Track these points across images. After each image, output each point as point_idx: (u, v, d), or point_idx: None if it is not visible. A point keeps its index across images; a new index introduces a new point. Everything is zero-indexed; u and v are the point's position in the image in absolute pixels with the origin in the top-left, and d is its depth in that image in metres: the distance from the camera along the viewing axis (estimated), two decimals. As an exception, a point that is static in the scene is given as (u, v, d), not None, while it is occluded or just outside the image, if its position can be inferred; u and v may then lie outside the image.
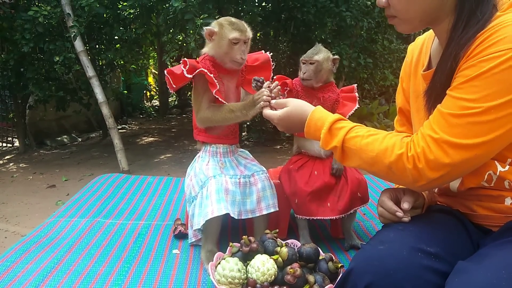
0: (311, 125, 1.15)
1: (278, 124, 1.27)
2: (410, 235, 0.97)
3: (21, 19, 4.76)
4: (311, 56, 1.69)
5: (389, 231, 1.02)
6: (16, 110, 6.06)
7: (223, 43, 1.59)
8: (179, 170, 4.72)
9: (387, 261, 0.89)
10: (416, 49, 1.24)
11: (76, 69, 5.08)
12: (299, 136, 1.78)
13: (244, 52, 1.61)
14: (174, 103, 10.82)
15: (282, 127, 1.28)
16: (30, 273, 1.46)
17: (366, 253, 0.96)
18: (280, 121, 1.26)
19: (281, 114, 1.25)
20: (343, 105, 1.71)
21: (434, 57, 1.13)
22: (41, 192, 4.20)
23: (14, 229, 3.23)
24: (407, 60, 1.29)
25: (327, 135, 1.10)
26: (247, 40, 1.61)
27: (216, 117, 1.60)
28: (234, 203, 1.54)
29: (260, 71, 1.67)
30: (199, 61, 1.64)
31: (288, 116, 1.23)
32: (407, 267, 0.87)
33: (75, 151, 6.19)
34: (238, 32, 1.58)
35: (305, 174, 1.69)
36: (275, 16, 5.65)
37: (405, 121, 1.33)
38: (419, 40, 1.26)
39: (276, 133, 6.41)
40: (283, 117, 1.24)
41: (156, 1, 4.88)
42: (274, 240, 1.37)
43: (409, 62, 1.26)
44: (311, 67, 1.68)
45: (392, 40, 6.10)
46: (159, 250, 1.69)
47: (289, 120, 1.23)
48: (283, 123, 1.26)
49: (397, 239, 0.96)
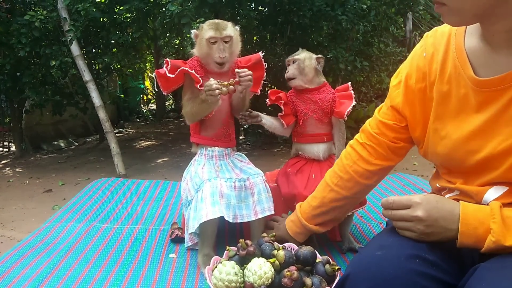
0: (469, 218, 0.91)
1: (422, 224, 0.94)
2: (408, 241, 0.95)
3: (17, 23, 4.76)
4: (293, 56, 1.76)
5: (388, 235, 1.00)
6: (13, 114, 6.04)
7: (202, 43, 1.62)
8: (176, 174, 4.71)
9: (384, 267, 0.88)
10: (440, 45, 1.04)
11: (73, 73, 5.09)
12: (298, 141, 1.80)
13: (223, 50, 1.60)
14: (171, 107, 10.81)
15: (428, 227, 0.94)
16: (26, 278, 1.45)
17: (363, 258, 0.95)
18: (427, 219, 0.93)
19: (423, 215, 0.93)
20: (340, 103, 1.72)
21: (478, 59, 0.96)
22: (37, 197, 4.18)
23: (10, 234, 3.21)
24: (426, 55, 1.08)
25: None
26: (226, 39, 1.61)
27: (193, 109, 1.63)
28: (229, 206, 1.54)
29: (253, 71, 1.69)
30: (187, 62, 1.67)
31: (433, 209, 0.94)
32: (405, 274, 0.85)
33: (71, 156, 6.17)
34: (213, 30, 1.59)
35: (304, 177, 1.69)
36: (272, 20, 5.66)
37: (394, 119, 1.20)
38: (440, 31, 1.07)
39: (273, 136, 6.41)
40: (429, 214, 0.93)
41: (153, 5, 4.90)
42: (271, 244, 1.37)
43: (430, 58, 1.06)
44: (294, 66, 1.73)
45: (388, 44, 6.13)
46: (156, 255, 1.68)
47: (438, 213, 0.93)
48: (430, 222, 0.93)
49: (395, 245, 0.94)
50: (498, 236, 0.86)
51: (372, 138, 1.25)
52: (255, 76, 1.68)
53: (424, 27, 8.02)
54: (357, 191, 1.32)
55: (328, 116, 1.74)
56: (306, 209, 1.44)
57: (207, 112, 1.63)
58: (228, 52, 1.62)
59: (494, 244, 0.87)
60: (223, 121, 1.72)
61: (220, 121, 1.71)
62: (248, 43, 1.63)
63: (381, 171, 1.27)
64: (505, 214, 0.88)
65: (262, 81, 1.79)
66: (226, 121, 1.74)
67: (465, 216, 0.91)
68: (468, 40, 0.98)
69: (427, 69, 1.07)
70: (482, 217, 0.89)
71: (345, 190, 1.32)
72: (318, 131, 1.76)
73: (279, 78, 5.50)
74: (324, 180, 1.39)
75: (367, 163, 1.26)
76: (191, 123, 1.72)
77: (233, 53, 1.66)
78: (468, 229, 0.90)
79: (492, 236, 0.87)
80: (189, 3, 4.11)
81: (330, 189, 1.35)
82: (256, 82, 1.73)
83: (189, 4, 4.08)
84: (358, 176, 1.28)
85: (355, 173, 1.28)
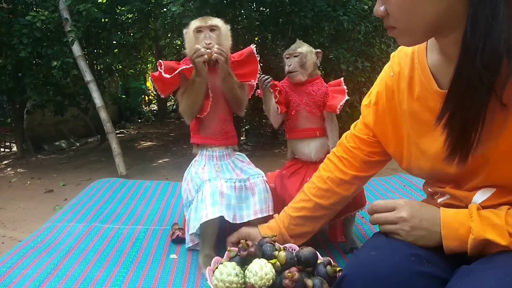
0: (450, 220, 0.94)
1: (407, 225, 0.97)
2: (402, 241, 0.97)
3: (19, 24, 4.76)
4: (295, 49, 1.75)
5: (381, 236, 1.02)
6: (14, 115, 6.05)
7: (190, 37, 1.66)
8: (177, 174, 4.71)
9: (378, 267, 0.89)
10: (405, 63, 1.07)
11: (74, 73, 5.08)
12: (291, 138, 1.80)
13: (208, 38, 1.62)
14: (172, 108, 10.81)
15: (411, 227, 0.97)
16: (27, 279, 1.45)
17: (358, 259, 0.97)
18: (410, 218, 0.97)
19: (406, 215, 0.97)
20: (333, 97, 1.71)
21: (439, 72, 0.98)
22: (38, 197, 4.18)
23: (11, 234, 3.21)
24: (394, 74, 1.11)
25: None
26: (213, 27, 1.63)
27: (188, 99, 1.64)
28: (229, 206, 1.54)
29: (246, 65, 1.69)
30: (181, 63, 1.69)
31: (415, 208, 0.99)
32: (399, 273, 0.87)
33: (73, 156, 6.17)
34: (199, 21, 1.65)
35: (297, 180, 1.69)
36: (273, 20, 5.66)
37: (367, 134, 1.24)
38: (403, 51, 1.09)
39: (274, 137, 6.41)
40: (411, 213, 0.97)
41: (154, 6, 4.90)
42: (272, 244, 1.36)
43: (397, 77, 1.10)
44: (296, 59, 1.72)
45: (389, 44, 6.11)
46: (157, 255, 1.68)
47: (420, 212, 0.98)
48: (414, 220, 0.97)
49: (388, 245, 0.96)
50: (477, 232, 0.89)
51: (348, 151, 1.31)
52: (250, 68, 1.70)
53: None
54: (334, 202, 1.36)
55: (320, 110, 1.73)
56: (284, 219, 1.45)
57: (201, 89, 1.61)
58: (215, 41, 1.62)
59: (474, 241, 0.89)
60: (219, 117, 1.72)
61: (215, 117, 1.71)
62: (249, 43, 1.63)
63: (357, 181, 1.32)
64: (483, 214, 0.91)
65: (258, 74, 1.77)
66: (222, 117, 1.73)
67: (445, 219, 0.94)
68: (429, 56, 1.00)
69: (395, 88, 1.10)
70: (462, 218, 0.92)
71: (322, 199, 1.36)
72: (310, 125, 1.74)
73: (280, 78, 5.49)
74: (302, 191, 1.43)
75: (343, 174, 1.32)
76: (190, 118, 1.71)
77: (220, 45, 1.62)
78: (450, 231, 0.93)
79: (472, 234, 0.89)
80: (190, 3, 4.12)
81: (308, 199, 1.38)
82: (251, 74, 1.73)
83: (191, 4, 4.08)
84: (335, 186, 1.33)
85: (332, 183, 1.33)
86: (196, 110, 1.68)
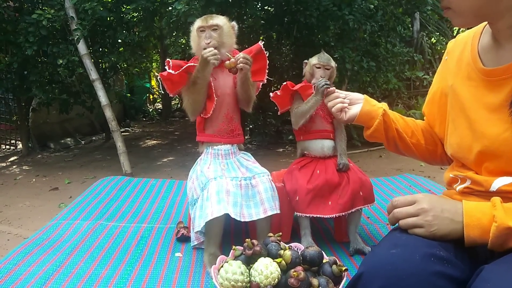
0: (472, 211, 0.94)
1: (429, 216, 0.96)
2: (423, 239, 0.95)
3: (25, 22, 4.78)
4: (328, 62, 1.73)
5: (401, 234, 1.00)
6: (20, 112, 6.08)
7: (194, 36, 1.70)
8: (182, 173, 4.72)
9: (400, 266, 0.87)
10: (458, 47, 1.17)
11: (80, 72, 5.09)
12: (304, 139, 1.78)
13: (208, 37, 1.65)
14: (177, 106, 10.83)
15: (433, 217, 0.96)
16: (32, 276, 1.46)
17: (377, 257, 0.94)
18: (431, 210, 0.96)
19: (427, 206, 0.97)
20: None
21: (487, 54, 1.05)
22: (43, 195, 4.20)
23: (16, 232, 3.23)
24: (446, 58, 1.23)
25: None
26: (214, 27, 1.66)
27: (192, 95, 1.67)
28: (236, 204, 1.53)
29: (255, 62, 1.70)
30: (189, 62, 1.70)
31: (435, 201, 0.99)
32: (420, 273, 0.85)
33: (78, 154, 6.20)
34: (201, 21, 1.68)
35: (308, 172, 1.69)
36: (278, 19, 5.65)
37: (432, 114, 1.30)
38: (461, 37, 1.19)
39: (279, 136, 6.41)
40: (432, 205, 0.97)
41: (159, 4, 4.90)
42: (277, 243, 1.36)
43: (448, 60, 1.21)
44: (327, 73, 1.72)
45: (395, 44, 6.08)
46: (162, 253, 1.68)
47: (440, 204, 0.97)
48: (435, 211, 0.96)
49: (410, 243, 0.94)
50: (501, 220, 0.89)
51: None
52: (259, 65, 1.72)
53: (431, 27, 7.97)
54: (427, 142, 1.34)
55: (331, 117, 1.74)
56: (387, 110, 1.37)
57: (201, 89, 1.64)
58: (216, 40, 1.64)
59: (498, 229, 0.89)
60: (225, 115, 1.72)
61: (221, 116, 1.72)
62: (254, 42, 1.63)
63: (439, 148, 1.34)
64: (506, 205, 0.92)
65: (267, 70, 1.78)
66: (229, 116, 1.73)
67: (468, 209, 0.94)
68: (482, 39, 1.09)
69: (445, 69, 1.22)
70: (485, 209, 0.93)
71: (416, 131, 1.35)
72: (324, 127, 1.76)
73: (285, 78, 5.50)
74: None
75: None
76: (193, 116, 1.73)
77: (223, 43, 1.66)
78: (472, 220, 0.92)
79: (495, 221, 0.90)
80: (195, 2, 4.11)
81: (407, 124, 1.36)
82: (261, 71, 1.75)
83: (196, 3, 4.08)
84: (424, 134, 1.35)
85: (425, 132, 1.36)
86: (198, 109, 1.70)
